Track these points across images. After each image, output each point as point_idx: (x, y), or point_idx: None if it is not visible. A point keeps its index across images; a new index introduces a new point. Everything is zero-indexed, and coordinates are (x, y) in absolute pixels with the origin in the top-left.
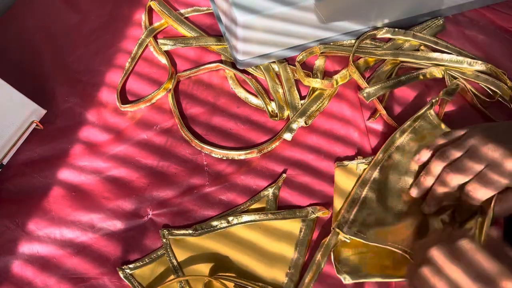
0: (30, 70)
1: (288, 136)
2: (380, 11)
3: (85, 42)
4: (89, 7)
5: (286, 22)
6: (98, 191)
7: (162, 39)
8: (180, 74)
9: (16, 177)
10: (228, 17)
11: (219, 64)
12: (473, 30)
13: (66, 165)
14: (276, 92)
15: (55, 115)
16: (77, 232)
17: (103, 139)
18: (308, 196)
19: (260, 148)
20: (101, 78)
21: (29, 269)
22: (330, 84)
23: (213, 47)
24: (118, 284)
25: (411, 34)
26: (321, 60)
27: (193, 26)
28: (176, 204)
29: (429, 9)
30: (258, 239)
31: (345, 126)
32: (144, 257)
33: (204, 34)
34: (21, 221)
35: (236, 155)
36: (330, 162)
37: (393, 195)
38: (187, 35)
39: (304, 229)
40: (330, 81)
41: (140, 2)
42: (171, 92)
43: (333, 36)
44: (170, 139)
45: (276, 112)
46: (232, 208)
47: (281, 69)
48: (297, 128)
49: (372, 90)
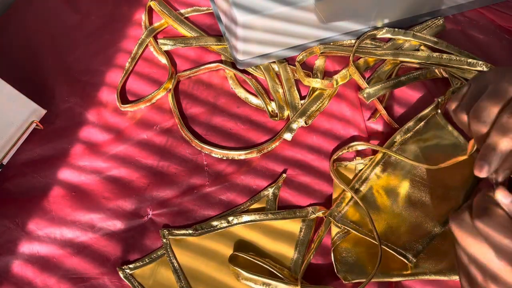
0: (30, 70)
1: (288, 136)
2: (380, 11)
3: (85, 42)
4: (89, 7)
5: (286, 22)
6: (98, 191)
7: (162, 39)
8: (180, 74)
9: (16, 177)
10: (228, 17)
11: (219, 64)
12: (473, 30)
13: (66, 165)
14: (276, 92)
15: (55, 115)
16: (77, 232)
17: (103, 139)
18: (308, 196)
19: (260, 148)
20: (101, 78)
21: (29, 269)
22: (330, 84)
23: (213, 47)
24: (118, 284)
25: (411, 34)
26: (321, 60)
27: (193, 26)
28: (176, 204)
29: (429, 9)
30: (258, 239)
31: (345, 126)
32: (144, 257)
33: (204, 34)
34: (21, 221)
35: (236, 155)
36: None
37: (393, 195)
38: (187, 35)
39: (304, 229)
40: (330, 81)
41: (140, 2)
42: (171, 92)
43: (333, 36)
44: (170, 139)
45: (276, 112)
46: (232, 208)
47: (281, 69)
48: (297, 128)
49: (372, 90)
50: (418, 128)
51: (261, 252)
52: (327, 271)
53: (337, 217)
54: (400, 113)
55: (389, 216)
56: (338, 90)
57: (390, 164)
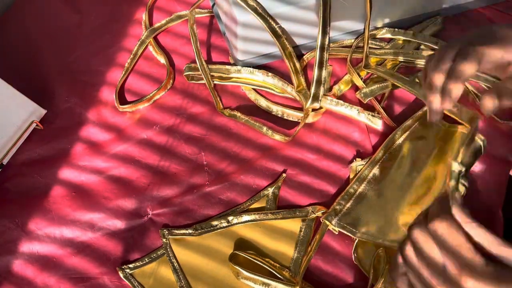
0: (30, 70)
1: (316, 105)
2: (380, 11)
3: (85, 42)
4: (89, 7)
5: (286, 22)
6: (98, 191)
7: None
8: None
9: (16, 177)
10: (228, 16)
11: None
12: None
13: (66, 165)
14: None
15: (55, 115)
16: (77, 232)
17: (103, 139)
18: (308, 196)
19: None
20: (101, 78)
21: (29, 269)
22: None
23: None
24: (118, 284)
25: (411, 34)
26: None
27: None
28: (176, 203)
29: (429, 9)
30: (258, 238)
31: (345, 125)
32: (144, 257)
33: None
34: (21, 221)
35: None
36: (330, 162)
37: (394, 193)
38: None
39: (304, 228)
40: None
41: (139, 2)
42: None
43: (333, 36)
44: (170, 138)
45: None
46: (232, 207)
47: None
48: (321, 98)
49: (369, 90)
50: (416, 125)
51: (261, 251)
52: (327, 271)
53: (334, 221)
54: (400, 113)
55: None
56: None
57: (391, 162)
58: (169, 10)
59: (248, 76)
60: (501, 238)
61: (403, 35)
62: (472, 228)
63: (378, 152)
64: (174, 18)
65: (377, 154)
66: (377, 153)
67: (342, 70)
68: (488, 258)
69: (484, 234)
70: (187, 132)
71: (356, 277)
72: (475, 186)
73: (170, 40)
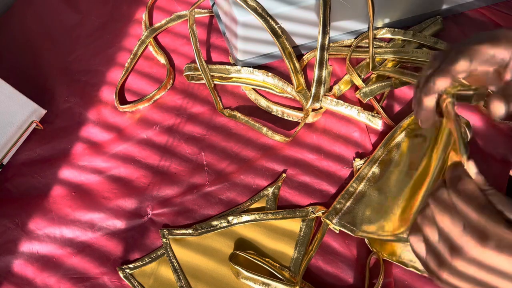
0: (30, 70)
1: (317, 105)
2: (380, 11)
3: (85, 42)
4: (89, 7)
5: (286, 22)
6: (98, 191)
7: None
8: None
9: (16, 177)
10: (228, 16)
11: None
12: (473, 30)
13: (66, 165)
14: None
15: (55, 115)
16: (77, 232)
17: (103, 138)
18: (308, 196)
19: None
20: (101, 78)
21: (29, 269)
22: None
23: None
24: (118, 284)
25: (411, 34)
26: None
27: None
28: (176, 203)
29: (429, 9)
30: (258, 238)
31: (345, 125)
32: (144, 256)
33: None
34: (21, 221)
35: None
36: (330, 161)
37: (393, 191)
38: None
39: (304, 228)
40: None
41: (139, 2)
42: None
43: (333, 36)
44: (170, 138)
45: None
46: (232, 207)
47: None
48: (322, 98)
49: (369, 89)
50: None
51: (261, 251)
52: (327, 271)
53: (335, 220)
54: (400, 112)
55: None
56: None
57: (390, 160)
58: (169, 10)
59: (248, 76)
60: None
61: (403, 35)
62: (493, 193)
63: (377, 150)
64: (174, 18)
65: (376, 153)
66: (376, 151)
67: (342, 70)
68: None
69: (507, 200)
70: (187, 132)
71: (356, 277)
72: None
73: (170, 40)
